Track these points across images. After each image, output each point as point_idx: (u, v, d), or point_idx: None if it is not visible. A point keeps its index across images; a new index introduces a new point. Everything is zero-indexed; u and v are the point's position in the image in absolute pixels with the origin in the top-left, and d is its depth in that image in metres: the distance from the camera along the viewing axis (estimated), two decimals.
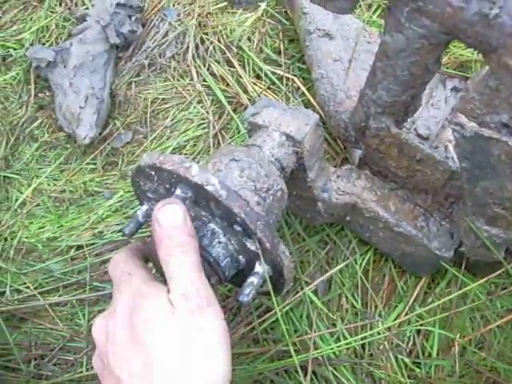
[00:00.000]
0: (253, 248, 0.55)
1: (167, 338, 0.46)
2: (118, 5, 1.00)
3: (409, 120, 0.73)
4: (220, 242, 0.56)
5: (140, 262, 0.55)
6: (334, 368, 0.73)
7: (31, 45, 1.08)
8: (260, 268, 0.57)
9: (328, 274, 0.77)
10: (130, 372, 0.46)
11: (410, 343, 0.76)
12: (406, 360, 0.74)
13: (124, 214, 0.91)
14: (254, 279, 0.57)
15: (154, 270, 0.59)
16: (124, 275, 0.52)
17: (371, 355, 0.75)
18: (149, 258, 0.59)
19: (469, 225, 0.67)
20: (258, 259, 0.56)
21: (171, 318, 0.46)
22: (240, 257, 0.58)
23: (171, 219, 0.51)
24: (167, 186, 0.58)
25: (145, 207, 0.64)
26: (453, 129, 0.57)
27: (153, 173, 0.58)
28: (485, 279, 0.68)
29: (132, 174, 0.62)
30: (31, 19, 1.12)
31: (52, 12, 1.11)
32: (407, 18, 0.55)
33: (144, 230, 0.83)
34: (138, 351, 0.46)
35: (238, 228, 0.55)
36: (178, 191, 0.55)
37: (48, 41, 1.09)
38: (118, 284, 0.52)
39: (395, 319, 0.76)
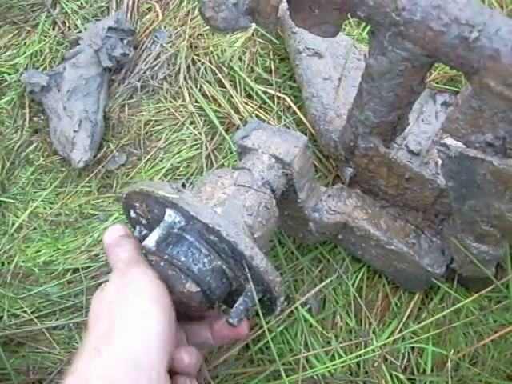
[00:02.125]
0: (245, 273, 0.56)
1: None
2: (109, 28, 1.01)
3: (400, 136, 0.73)
4: (210, 264, 0.57)
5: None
6: None
7: (25, 69, 1.09)
8: (250, 290, 0.57)
9: (316, 289, 0.78)
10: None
11: (405, 359, 0.76)
12: (401, 377, 0.74)
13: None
14: (244, 302, 0.58)
15: None
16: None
17: (366, 372, 0.75)
18: None
19: (458, 243, 0.67)
20: (248, 282, 0.57)
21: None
22: (231, 281, 0.59)
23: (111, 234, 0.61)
24: (158, 213, 0.59)
25: (137, 231, 0.65)
26: (438, 149, 0.58)
27: (144, 199, 0.59)
28: (477, 295, 0.69)
29: (123, 198, 0.63)
30: (25, 44, 1.13)
31: (45, 36, 1.13)
32: (390, 41, 0.56)
33: None
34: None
35: (230, 253, 0.55)
36: (168, 216, 0.56)
37: (42, 65, 1.10)
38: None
39: (389, 336, 0.77)
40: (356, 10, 0.55)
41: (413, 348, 0.76)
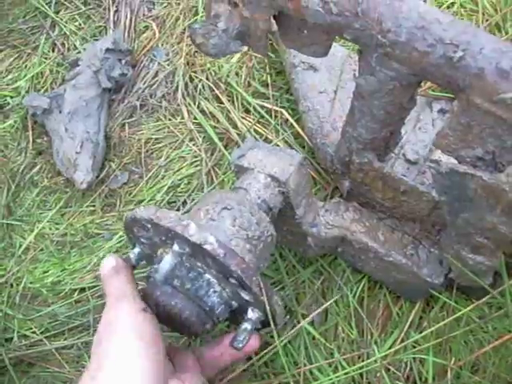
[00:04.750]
0: (247, 298, 0.58)
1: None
2: (107, 50, 1.03)
3: (398, 145, 0.74)
4: (215, 291, 0.59)
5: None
6: None
7: (27, 92, 1.11)
8: (253, 315, 0.59)
9: (321, 308, 0.79)
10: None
11: (407, 369, 0.77)
12: None
13: (124, 254, 0.93)
14: (247, 326, 0.59)
15: None
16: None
17: (369, 383, 0.76)
18: None
19: (455, 253, 0.68)
20: (250, 305, 0.59)
21: None
22: (233, 302, 0.60)
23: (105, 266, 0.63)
24: (163, 238, 0.61)
25: (137, 250, 0.66)
26: (429, 166, 0.59)
27: (149, 226, 0.61)
28: (476, 303, 0.69)
29: (126, 221, 0.64)
30: (26, 67, 1.15)
31: (46, 58, 1.15)
32: (377, 62, 0.57)
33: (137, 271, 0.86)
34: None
35: (233, 281, 0.57)
36: (176, 247, 0.58)
37: (43, 87, 1.12)
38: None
39: (391, 347, 0.77)
40: (343, 32, 0.56)
41: (414, 357, 0.77)
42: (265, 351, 0.74)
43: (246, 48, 1.05)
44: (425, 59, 0.53)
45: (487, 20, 1.01)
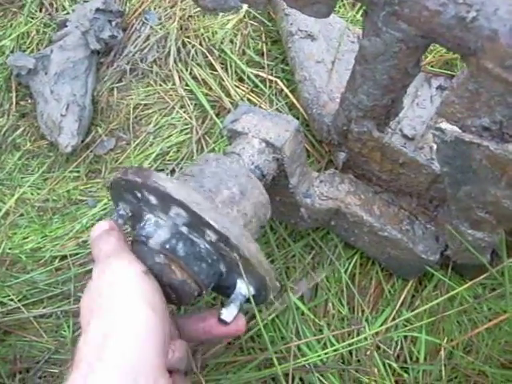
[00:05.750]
0: (235, 261, 0.54)
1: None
2: (97, 10, 0.99)
3: (395, 120, 0.72)
4: (207, 261, 0.56)
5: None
6: (321, 375, 0.72)
7: (12, 52, 1.07)
8: (242, 286, 0.56)
9: (312, 283, 0.76)
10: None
11: (398, 348, 0.75)
12: (394, 365, 0.73)
13: None
14: (236, 298, 0.56)
15: None
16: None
17: (358, 361, 0.74)
18: None
19: (453, 229, 0.66)
20: (239, 274, 0.56)
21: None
22: (221, 266, 0.57)
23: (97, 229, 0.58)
24: (153, 202, 0.57)
25: (121, 211, 0.62)
26: (433, 134, 0.56)
27: (143, 191, 0.57)
28: (471, 282, 0.67)
29: (114, 181, 0.60)
30: (11, 26, 1.10)
31: (32, 18, 1.10)
32: (384, 22, 0.54)
33: None
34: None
35: (220, 244, 0.54)
36: (173, 214, 0.54)
37: (29, 47, 1.08)
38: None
39: (382, 324, 0.75)
40: None
41: (406, 336, 0.75)
42: (251, 324, 0.71)
43: (241, 12, 1.02)
44: (435, 19, 0.50)
45: None
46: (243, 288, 0.56)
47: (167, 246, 0.55)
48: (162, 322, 0.50)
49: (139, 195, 0.57)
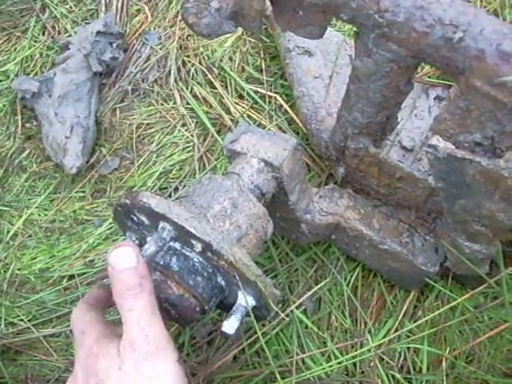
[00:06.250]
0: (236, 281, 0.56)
1: None
2: (98, 33, 1.01)
3: (392, 133, 0.73)
4: (202, 274, 0.57)
5: (95, 315, 0.55)
6: None
7: (16, 75, 1.09)
8: (243, 299, 0.57)
9: (311, 291, 0.78)
10: None
11: (401, 359, 0.76)
12: (398, 376, 0.74)
13: (114, 241, 0.92)
14: (237, 310, 0.58)
15: None
16: (79, 334, 0.53)
17: (362, 373, 0.75)
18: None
19: (451, 241, 0.67)
20: (238, 286, 0.57)
21: (120, 374, 0.47)
22: (218, 279, 0.58)
23: (122, 261, 0.51)
24: (147, 223, 0.59)
25: (133, 237, 0.64)
26: (426, 151, 0.57)
27: (137, 213, 0.59)
28: (472, 292, 0.68)
29: (115, 209, 0.62)
30: (15, 50, 1.12)
31: (35, 41, 1.12)
32: (374, 43, 0.55)
33: None
34: None
35: (221, 262, 0.55)
36: (160, 229, 0.56)
37: (33, 70, 1.10)
38: (76, 343, 0.53)
39: (385, 336, 0.76)
40: (339, 12, 0.55)
41: (409, 347, 0.76)
42: (256, 338, 0.73)
43: (239, 30, 1.04)
44: (423, 40, 0.51)
45: (485, 7, 1.00)
46: (243, 299, 0.58)
47: (161, 263, 0.57)
48: None
49: (135, 218, 0.59)
